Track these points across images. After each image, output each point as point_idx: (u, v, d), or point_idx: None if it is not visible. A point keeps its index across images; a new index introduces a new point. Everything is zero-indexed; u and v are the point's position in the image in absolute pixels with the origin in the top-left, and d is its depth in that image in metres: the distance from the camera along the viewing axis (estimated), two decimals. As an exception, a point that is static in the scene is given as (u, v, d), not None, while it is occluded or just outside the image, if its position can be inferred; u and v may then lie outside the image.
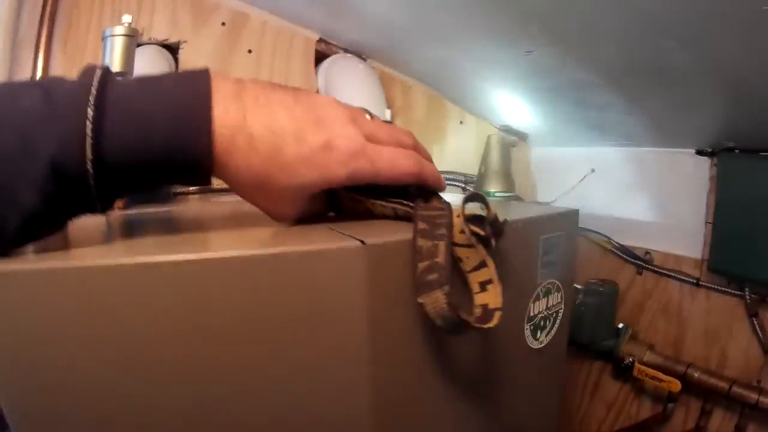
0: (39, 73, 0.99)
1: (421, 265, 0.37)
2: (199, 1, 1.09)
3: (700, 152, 1.08)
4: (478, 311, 0.39)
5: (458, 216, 0.40)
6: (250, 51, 1.15)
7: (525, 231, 0.64)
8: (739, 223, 1.01)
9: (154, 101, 0.32)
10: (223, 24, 1.12)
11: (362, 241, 0.37)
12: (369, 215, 0.47)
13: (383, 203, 0.45)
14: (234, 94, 0.35)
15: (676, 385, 1.08)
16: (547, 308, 0.71)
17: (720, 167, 1.03)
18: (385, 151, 0.39)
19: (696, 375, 1.07)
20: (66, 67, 1.02)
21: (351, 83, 1.11)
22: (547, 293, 0.69)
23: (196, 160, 0.34)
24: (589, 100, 1.07)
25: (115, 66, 0.82)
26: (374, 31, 1.12)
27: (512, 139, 1.38)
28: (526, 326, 0.66)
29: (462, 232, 0.40)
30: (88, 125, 0.30)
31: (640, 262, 1.22)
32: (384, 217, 0.47)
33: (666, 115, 1.03)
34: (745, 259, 1.00)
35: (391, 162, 0.39)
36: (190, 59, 1.09)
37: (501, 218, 0.43)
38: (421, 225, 0.39)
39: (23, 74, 0.97)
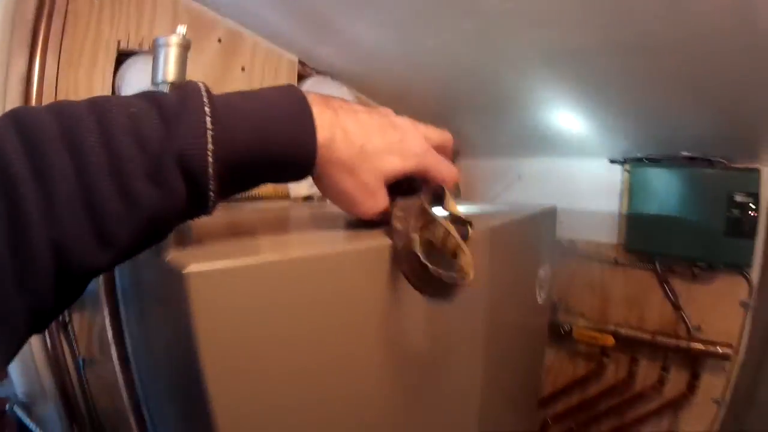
0: (35, 78, 0.91)
1: (398, 243, 0.50)
2: (198, 16, 1.10)
3: (612, 161, 1.41)
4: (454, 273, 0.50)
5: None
6: (243, 69, 1.18)
7: (534, 222, 0.93)
8: (646, 214, 1.34)
9: (261, 106, 0.37)
10: (220, 41, 1.14)
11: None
12: None
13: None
14: (322, 100, 0.41)
15: (610, 340, 1.38)
16: (544, 274, 1.03)
17: (631, 173, 1.37)
18: (440, 159, 0.50)
19: (623, 331, 1.39)
20: (62, 74, 0.95)
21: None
22: (544, 263, 1.03)
23: (308, 155, 0.39)
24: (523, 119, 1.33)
25: (170, 75, 0.84)
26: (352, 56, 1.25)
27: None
28: (536, 286, 0.96)
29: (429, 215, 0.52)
30: (208, 121, 0.33)
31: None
32: None
33: (584, 133, 1.34)
34: (654, 239, 1.34)
35: (442, 169, 0.49)
36: (188, 72, 1.09)
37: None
38: (398, 212, 0.51)
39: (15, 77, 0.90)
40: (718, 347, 1.28)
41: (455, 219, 0.54)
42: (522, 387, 1.12)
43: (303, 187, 1.19)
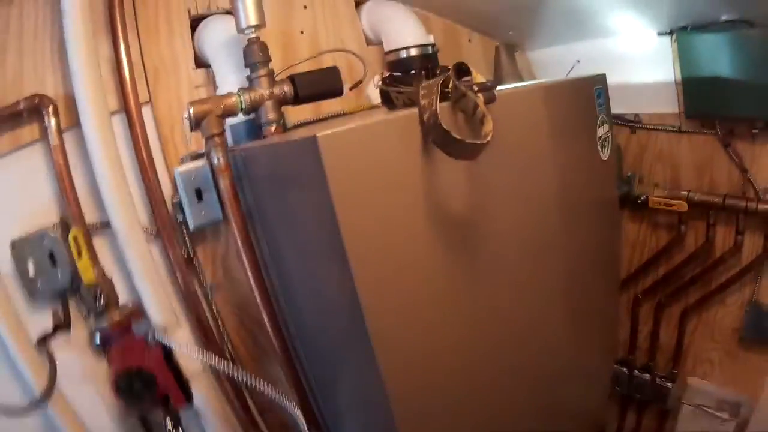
0: (123, 58, 1.05)
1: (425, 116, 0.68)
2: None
3: (660, 33, 1.43)
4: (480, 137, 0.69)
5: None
6: (305, 6, 1.34)
7: (585, 83, 1.05)
8: (700, 79, 1.36)
9: None
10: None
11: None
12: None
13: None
14: None
15: (683, 206, 1.44)
16: (604, 133, 1.12)
17: (679, 42, 1.38)
18: None
19: (696, 197, 1.43)
20: (145, 50, 1.11)
21: (397, 19, 1.36)
22: (602, 123, 1.11)
23: None
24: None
25: (252, 19, 0.99)
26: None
27: (514, 46, 1.70)
28: (597, 143, 1.06)
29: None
30: None
31: (632, 124, 1.58)
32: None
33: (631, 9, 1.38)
34: (711, 102, 1.36)
35: None
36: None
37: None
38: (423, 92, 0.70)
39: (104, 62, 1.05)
40: None
41: (481, 86, 0.69)
42: (601, 249, 1.26)
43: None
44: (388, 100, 0.97)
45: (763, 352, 1.48)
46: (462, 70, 0.71)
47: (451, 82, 0.71)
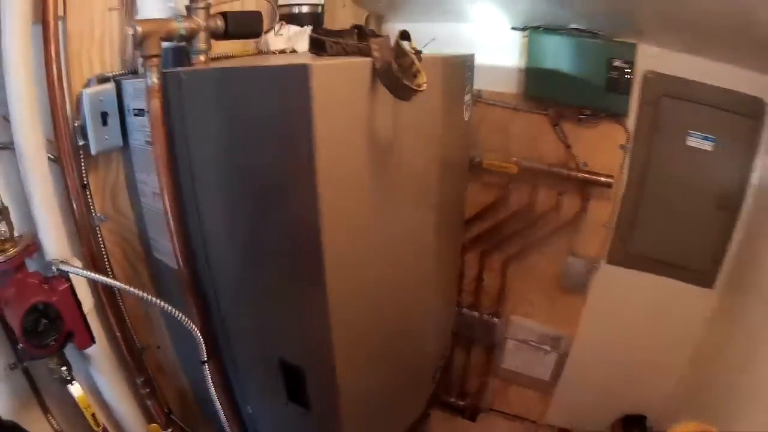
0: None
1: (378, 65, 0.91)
2: None
3: (514, 28, 1.75)
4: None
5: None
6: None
7: (464, 59, 1.41)
8: (543, 70, 1.72)
9: None
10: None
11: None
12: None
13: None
14: None
15: (514, 168, 1.80)
16: (468, 100, 1.48)
17: (530, 38, 1.72)
18: None
19: (525, 163, 1.81)
20: None
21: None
22: (468, 91, 1.47)
23: None
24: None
25: None
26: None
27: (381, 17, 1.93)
28: (464, 107, 1.35)
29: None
30: None
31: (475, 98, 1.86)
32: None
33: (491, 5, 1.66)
34: (548, 90, 1.74)
35: None
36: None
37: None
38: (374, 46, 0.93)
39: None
40: (602, 177, 1.74)
41: (415, 51, 0.88)
42: (457, 196, 1.56)
43: (280, 42, 1.39)
44: (320, 47, 1.05)
45: (577, 294, 1.95)
46: (405, 36, 0.92)
47: (397, 43, 0.90)
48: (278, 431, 1.32)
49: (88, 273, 1.01)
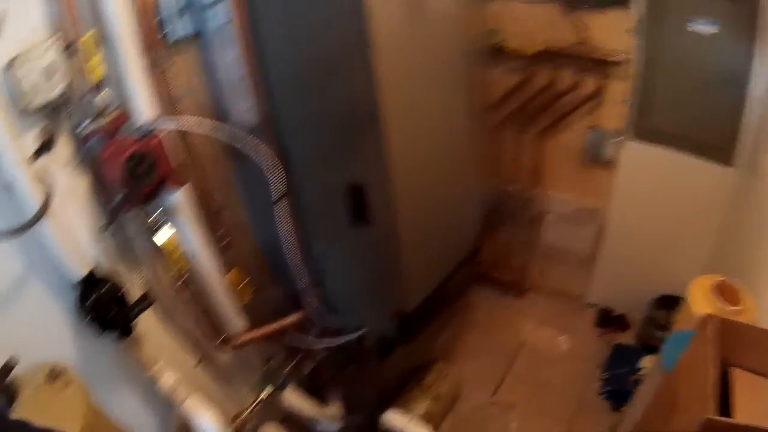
0: None
1: None
2: None
3: None
4: None
5: None
6: None
7: None
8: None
9: None
10: None
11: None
12: None
13: None
14: None
15: (534, 49, 1.96)
16: None
17: None
18: None
19: (544, 46, 1.96)
20: None
21: None
22: None
23: None
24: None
25: None
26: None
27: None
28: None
29: None
30: None
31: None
32: None
33: None
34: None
35: None
36: None
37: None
38: None
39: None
40: (614, 57, 1.86)
41: None
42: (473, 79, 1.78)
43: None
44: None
45: (606, 168, 2.10)
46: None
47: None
48: (344, 262, 1.58)
49: (177, 122, 1.24)
